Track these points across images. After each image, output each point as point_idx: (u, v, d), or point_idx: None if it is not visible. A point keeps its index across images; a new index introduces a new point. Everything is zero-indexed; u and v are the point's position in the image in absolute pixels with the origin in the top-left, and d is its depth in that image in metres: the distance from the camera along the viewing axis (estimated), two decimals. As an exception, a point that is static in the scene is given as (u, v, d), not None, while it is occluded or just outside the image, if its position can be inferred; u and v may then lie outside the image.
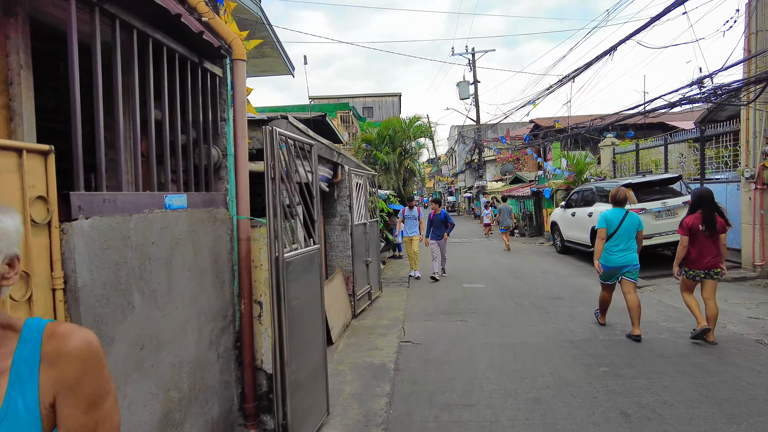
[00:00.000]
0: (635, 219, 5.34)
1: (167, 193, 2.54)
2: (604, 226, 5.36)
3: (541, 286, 8.44)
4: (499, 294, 7.95)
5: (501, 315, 6.58)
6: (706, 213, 4.91)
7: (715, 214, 4.91)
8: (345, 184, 6.50)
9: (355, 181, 7.05)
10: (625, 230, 5.28)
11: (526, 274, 9.76)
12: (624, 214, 5.33)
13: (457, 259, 12.50)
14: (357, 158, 18.33)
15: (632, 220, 5.32)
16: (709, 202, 4.93)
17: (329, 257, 6.60)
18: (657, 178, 9.44)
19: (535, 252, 13.49)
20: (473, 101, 26.70)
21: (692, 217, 4.99)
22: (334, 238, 6.57)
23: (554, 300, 7.35)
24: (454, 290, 8.39)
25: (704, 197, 4.98)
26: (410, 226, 9.78)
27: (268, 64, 10.34)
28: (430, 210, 9.53)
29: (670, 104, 8.07)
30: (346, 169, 6.50)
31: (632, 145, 13.89)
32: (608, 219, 5.36)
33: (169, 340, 2.46)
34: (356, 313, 6.67)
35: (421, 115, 17.34)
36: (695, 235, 4.95)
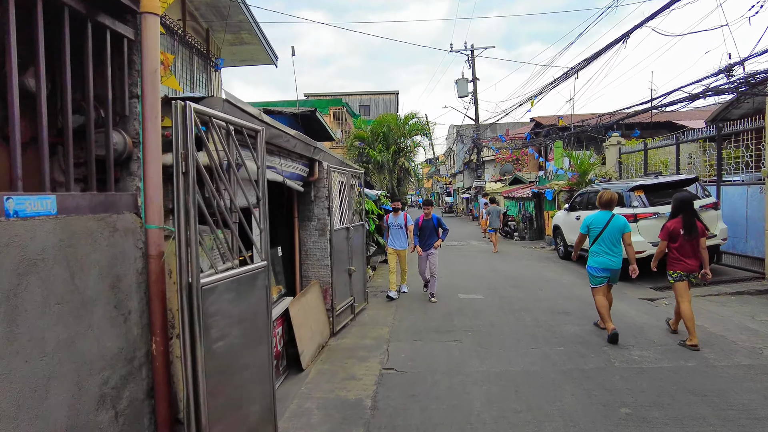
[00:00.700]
0: (620, 222, 5.30)
1: (9, 194, 1.72)
2: (585, 231, 5.51)
3: (544, 298, 7.64)
4: (498, 307, 7.15)
5: (500, 334, 5.78)
6: (686, 218, 5.04)
7: (694, 219, 5.04)
8: (323, 183, 5.69)
9: (337, 180, 6.24)
10: (610, 233, 5.30)
11: (527, 283, 8.95)
12: (609, 217, 5.32)
13: (454, 263, 11.70)
14: (349, 156, 17.54)
15: (618, 223, 5.29)
16: (689, 208, 5.09)
17: (304, 267, 5.78)
18: (671, 179, 8.65)
19: (535, 257, 12.69)
20: (472, 99, 25.91)
21: (674, 221, 5.12)
22: (311, 245, 5.75)
23: (560, 315, 6.55)
24: (448, 302, 7.58)
25: (685, 203, 5.13)
26: (396, 236, 7.98)
27: (248, 53, 9.52)
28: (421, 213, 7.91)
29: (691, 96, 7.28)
30: (325, 165, 5.68)
31: (640, 144, 13.10)
32: (591, 223, 5.45)
33: (7, 412, 1.64)
34: (335, 330, 5.86)
35: (417, 112, 16.55)
36: (676, 238, 5.09)
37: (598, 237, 5.34)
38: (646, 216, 8.33)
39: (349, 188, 6.82)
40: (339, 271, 6.09)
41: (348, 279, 6.48)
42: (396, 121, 16.05)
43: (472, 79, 26.01)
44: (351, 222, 6.66)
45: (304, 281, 5.79)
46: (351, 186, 7.18)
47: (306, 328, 4.98)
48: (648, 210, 8.36)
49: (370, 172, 16.11)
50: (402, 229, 7.90)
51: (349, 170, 6.75)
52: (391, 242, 8.06)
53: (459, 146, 37.59)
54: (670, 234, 5.10)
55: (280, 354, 4.60)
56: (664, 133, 15.27)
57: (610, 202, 5.39)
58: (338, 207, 6.30)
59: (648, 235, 8.28)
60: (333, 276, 5.81)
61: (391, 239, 8.04)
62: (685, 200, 5.15)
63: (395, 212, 8.08)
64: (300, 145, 4.69)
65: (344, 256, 6.34)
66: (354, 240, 6.77)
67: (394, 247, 8.04)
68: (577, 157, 13.97)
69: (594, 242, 5.39)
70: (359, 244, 7.11)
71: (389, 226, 8.07)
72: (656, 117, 15.41)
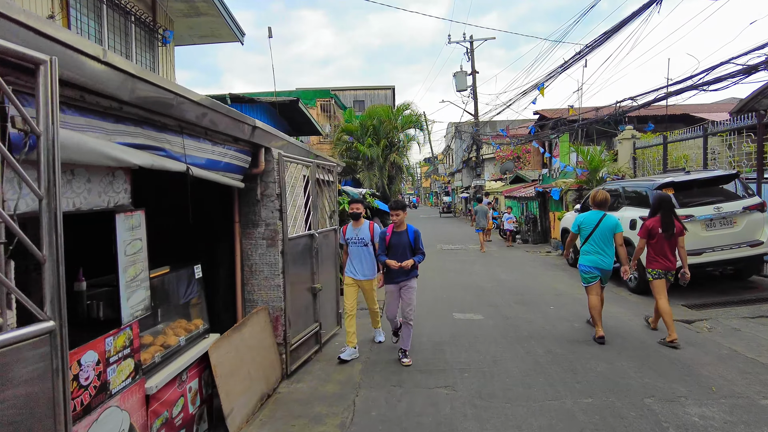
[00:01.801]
0: (612, 222, 5.28)
1: None
2: (576, 231, 5.46)
3: (557, 319, 6.27)
4: (501, 332, 5.77)
5: (505, 375, 4.40)
6: (664, 217, 5.13)
7: (673, 218, 5.14)
8: (273, 176, 4.31)
9: (298, 174, 4.87)
10: (601, 233, 5.26)
11: (535, 298, 7.58)
12: (601, 216, 5.30)
13: (449, 272, 10.32)
14: (336, 151, 16.17)
15: (609, 223, 5.26)
16: (668, 207, 5.16)
17: (248, 288, 4.40)
18: (707, 175, 7.28)
19: (541, 264, 11.32)
20: (471, 93, 24.53)
21: (653, 220, 5.21)
22: (256, 259, 4.37)
23: (580, 346, 5.18)
24: (440, 325, 6.20)
25: (664, 201, 5.21)
26: (357, 258, 5.14)
27: (207, 27, 8.10)
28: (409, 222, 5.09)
29: (746, 69, 5.86)
30: (275, 153, 4.31)
31: (657, 137, 11.75)
32: (582, 223, 5.41)
33: None
34: (290, 370, 4.48)
35: (410, 102, 15.11)
36: (654, 237, 5.17)
37: (588, 237, 5.32)
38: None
39: (318, 185, 5.45)
40: (298, 291, 4.71)
41: (312, 300, 5.10)
42: (388, 113, 14.66)
43: (471, 72, 24.63)
44: (317, 227, 5.28)
45: (248, 307, 4.41)
46: (324, 182, 5.81)
47: (238, 378, 3.60)
48: (680, 212, 6.97)
49: (358, 168, 14.72)
50: (367, 248, 5.11)
51: (316, 161, 5.36)
52: (350, 268, 5.14)
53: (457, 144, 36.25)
54: (649, 232, 5.19)
55: (192, 417, 3.23)
56: (680, 126, 13.91)
57: (604, 202, 5.39)
58: (300, 208, 4.93)
59: (680, 242, 6.91)
60: (287, 299, 4.43)
61: (350, 263, 5.15)
62: (663, 199, 5.27)
63: (356, 221, 5.19)
64: (223, 122, 3.31)
65: (306, 271, 4.97)
66: (322, 250, 5.39)
67: (354, 275, 5.09)
68: (587, 153, 12.61)
69: (585, 242, 5.37)
70: (330, 255, 5.73)
71: (347, 242, 5.20)
72: (671, 110, 14.07)
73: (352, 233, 5.19)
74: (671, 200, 5.39)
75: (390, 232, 4.83)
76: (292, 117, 14.67)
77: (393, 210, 4.79)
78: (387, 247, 4.82)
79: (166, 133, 2.75)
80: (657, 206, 5.26)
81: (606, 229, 5.24)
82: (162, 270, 3.19)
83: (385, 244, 4.83)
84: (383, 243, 4.84)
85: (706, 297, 7.00)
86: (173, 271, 3.36)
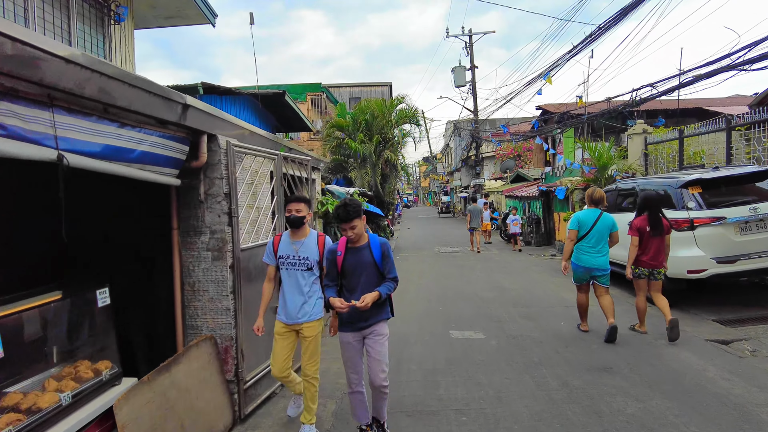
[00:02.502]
0: (609, 220, 5.32)
1: None
2: (576, 227, 5.38)
3: (570, 338, 5.38)
4: (506, 356, 4.88)
5: (512, 419, 3.51)
6: (652, 215, 5.21)
7: (660, 216, 5.22)
8: (220, 171, 3.42)
9: (257, 169, 3.99)
10: (598, 231, 5.27)
11: (543, 311, 6.70)
12: (598, 214, 5.31)
13: (446, 278, 9.43)
14: (326, 148, 15.24)
15: (606, 222, 5.29)
16: (655, 205, 5.26)
17: (190, 311, 3.51)
18: (739, 172, 6.39)
19: (546, 269, 10.43)
20: (470, 89, 23.66)
21: (640, 219, 5.27)
22: (199, 275, 3.48)
23: (602, 376, 4.29)
24: (434, 346, 5.31)
25: (651, 200, 5.33)
26: (296, 288, 3.30)
27: (173, 6, 7.17)
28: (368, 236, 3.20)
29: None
30: (222, 142, 3.42)
31: (671, 132, 10.88)
32: (581, 220, 5.38)
33: None
34: (245, 413, 3.59)
35: (405, 96, 14.20)
36: (642, 235, 5.23)
37: (585, 235, 5.31)
38: (706, 222, 6.07)
39: (291, 182, 4.55)
40: (256, 315, 3.82)
41: (277, 322, 4.20)
42: (381, 107, 13.73)
43: (470, 67, 23.77)
44: (285, 233, 4.37)
45: (190, 336, 3.52)
46: (298, 179, 4.93)
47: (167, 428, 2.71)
48: (709, 214, 6.10)
49: (350, 166, 13.80)
50: (311, 272, 3.32)
51: (283, 154, 4.46)
52: (282, 305, 3.36)
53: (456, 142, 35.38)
54: (638, 230, 5.25)
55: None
56: (692, 121, 13.02)
57: (600, 200, 5.40)
58: (266, 211, 4.05)
59: (710, 248, 6.05)
60: (240, 325, 3.54)
61: (282, 298, 3.36)
62: (650, 198, 5.39)
63: (295, 229, 3.33)
64: (128, 95, 2.41)
65: (269, 287, 4.06)
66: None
67: (287, 318, 3.32)
68: (595, 149, 11.72)
69: (581, 240, 5.34)
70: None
71: (281, 262, 3.32)
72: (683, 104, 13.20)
73: (288, 248, 3.27)
74: (658, 198, 5.52)
75: (342, 250, 3.07)
76: (280, 112, 13.76)
77: (344, 221, 2.96)
78: (339, 273, 3.09)
79: (16, 103, 1.85)
80: (644, 205, 5.34)
81: (604, 228, 5.26)
82: (42, 299, 2.30)
83: (336, 269, 3.07)
84: (333, 267, 3.09)
85: (742, 311, 6.11)
86: (66, 298, 2.47)
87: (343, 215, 2.95)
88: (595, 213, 5.34)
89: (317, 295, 3.36)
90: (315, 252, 3.32)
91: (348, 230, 2.99)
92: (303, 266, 3.29)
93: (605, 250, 5.31)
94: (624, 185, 8.13)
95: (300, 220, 3.28)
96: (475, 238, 14.34)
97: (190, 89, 7.91)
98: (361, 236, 3.08)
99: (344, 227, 2.99)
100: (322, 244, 3.36)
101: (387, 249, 3.12)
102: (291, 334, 3.36)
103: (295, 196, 3.28)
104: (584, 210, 5.52)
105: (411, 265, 11.69)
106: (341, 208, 2.97)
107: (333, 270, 3.12)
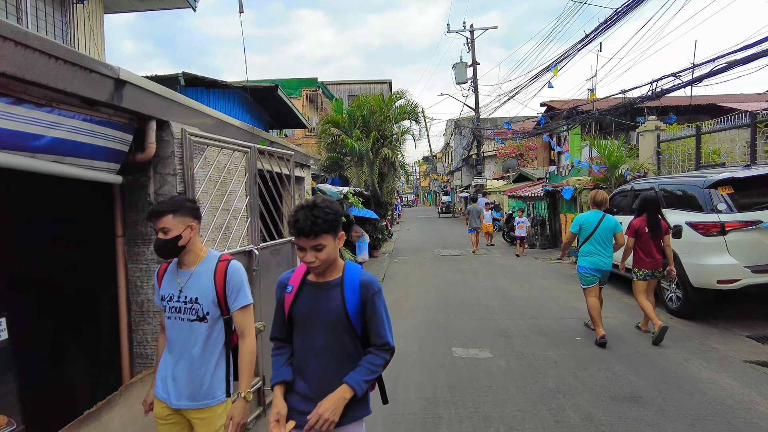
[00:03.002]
0: (612, 222, 5.26)
1: None
2: (576, 231, 5.38)
3: (588, 357, 4.75)
4: (517, 380, 4.25)
5: (532, 470, 2.89)
6: (651, 216, 5.27)
7: (659, 217, 5.28)
8: (173, 166, 2.79)
9: (226, 164, 3.36)
10: (602, 234, 5.23)
11: (555, 323, 6.07)
12: (601, 216, 5.28)
13: (447, 285, 8.80)
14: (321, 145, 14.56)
15: (608, 224, 5.25)
16: (653, 207, 5.31)
17: (138, 336, 2.88)
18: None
19: (554, 275, 9.80)
20: (471, 86, 23.04)
21: (639, 220, 5.34)
22: (149, 292, 2.85)
23: (631, 407, 3.66)
24: (435, 368, 4.68)
25: (650, 201, 5.35)
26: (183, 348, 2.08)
27: (150, -13, 6.58)
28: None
29: None
30: (175, 130, 2.78)
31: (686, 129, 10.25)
32: (583, 222, 5.36)
33: None
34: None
35: (404, 91, 13.57)
36: (641, 236, 5.28)
37: (589, 237, 5.29)
38: (739, 226, 5.44)
39: (274, 180, 3.92)
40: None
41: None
42: (379, 103, 13.08)
43: (471, 63, 23.15)
44: (258, 241, 3.74)
45: (139, 366, 2.89)
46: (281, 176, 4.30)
47: None
48: (743, 217, 5.48)
49: (346, 165, 13.16)
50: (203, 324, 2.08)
51: (258, 147, 3.81)
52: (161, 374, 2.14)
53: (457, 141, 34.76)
54: (636, 232, 5.28)
55: None
56: (705, 118, 12.37)
57: (602, 202, 5.39)
58: (241, 213, 3.41)
59: (743, 255, 5.42)
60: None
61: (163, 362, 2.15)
62: (649, 199, 5.38)
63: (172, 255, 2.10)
64: (21, 61, 1.78)
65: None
66: (269, 271, 3.85)
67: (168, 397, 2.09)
68: (604, 147, 11.09)
69: (584, 242, 5.32)
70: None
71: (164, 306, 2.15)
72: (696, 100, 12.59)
73: (171, 285, 2.13)
74: (657, 199, 5.55)
75: (296, 284, 1.86)
76: (273, 108, 13.12)
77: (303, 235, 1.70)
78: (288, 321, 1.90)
79: None
80: (643, 206, 5.37)
81: (607, 229, 5.25)
82: None
83: (284, 316, 1.89)
84: (279, 313, 1.91)
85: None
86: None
87: (302, 224, 1.67)
88: (598, 215, 5.32)
89: (218, 364, 2.09)
90: (208, 290, 2.05)
91: (308, 251, 1.71)
92: (190, 314, 2.05)
93: (609, 252, 5.28)
94: (640, 185, 7.50)
95: (169, 246, 2.01)
96: (476, 238, 13.96)
97: (169, 80, 7.27)
98: (330, 265, 1.79)
99: (301, 245, 1.72)
100: (221, 275, 2.06)
101: (373, 295, 1.80)
102: (179, 423, 2.12)
103: (155, 207, 2.03)
104: (587, 212, 5.50)
105: (410, 269, 11.06)
106: (301, 212, 1.70)
107: (279, 318, 1.90)
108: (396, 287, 8.75)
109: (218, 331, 2.12)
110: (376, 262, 12.26)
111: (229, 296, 2.08)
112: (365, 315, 1.80)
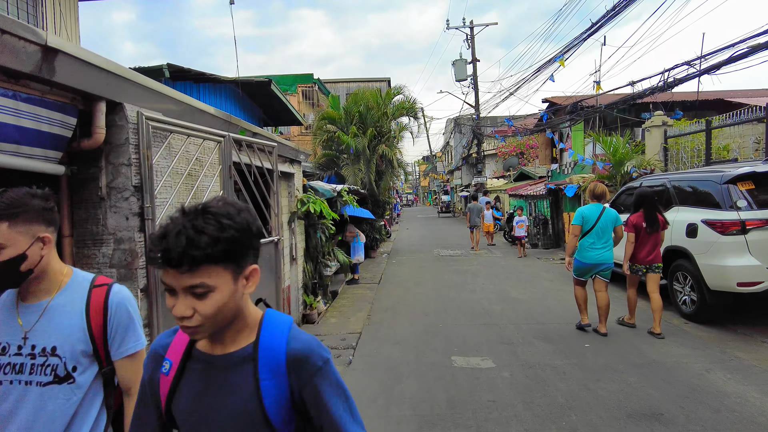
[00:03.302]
0: (612, 215, 5.31)
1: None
2: (580, 222, 5.34)
3: (600, 368, 4.36)
4: (523, 395, 3.86)
5: (544, 506, 2.50)
6: (648, 212, 5.22)
7: (656, 212, 5.23)
8: (128, 156, 2.40)
9: (198, 155, 2.97)
10: (602, 226, 5.25)
11: (561, 329, 5.69)
12: (601, 210, 5.30)
13: (447, 287, 8.42)
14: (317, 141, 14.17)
15: (609, 216, 5.29)
16: (650, 202, 5.29)
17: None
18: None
19: (558, 276, 9.41)
20: (471, 83, 22.66)
21: (636, 215, 5.30)
22: (100, 303, 2.47)
23: (650, 423, 3.28)
24: (433, 380, 4.28)
25: (646, 197, 5.34)
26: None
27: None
28: None
29: None
30: (130, 113, 2.40)
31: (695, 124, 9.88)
32: (585, 215, 5.35)
33: None
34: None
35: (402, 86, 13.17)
36: (638, 232, 5.27)
37: (590, 230, 5.27)
38: (761, 224, 5.06)
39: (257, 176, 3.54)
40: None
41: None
42: (376, 98, 12.71)
43: (471, 60, 22.77)
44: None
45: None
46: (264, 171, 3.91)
47: None
48: (764, 215, 5.10)
49: (342, 162, 12.78)
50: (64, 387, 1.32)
51: (235, 137, 3.42)
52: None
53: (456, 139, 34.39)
54: (635, 227, 5.26)
55: None
56: (712, 114, 12.03)
57: (602, 194, 5.41)
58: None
59: (766, 256, 5.03)
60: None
61: None
62: (645, 195, 5.38)
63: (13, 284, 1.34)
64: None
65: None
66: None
67: None
68: (610, 143, 10.71)
69: (585, 235, 5.31)
70: (264, 284, 3.82)
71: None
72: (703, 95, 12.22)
73: (7, 329, 1.33)
74: (653, 195, 5.53)
75: (177, 358, 1.04)
76: (267, 104, 12.73)
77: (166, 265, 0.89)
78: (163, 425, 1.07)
79: None
80: (639, 202, 5.36)
81: (608, 222, 5.27)
82: None
83: (155, 415, 1.08)
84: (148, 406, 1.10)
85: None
86: None
87: (171, 243, 0.88)
88: (598, 208, 5.36)
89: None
90: (75, 332, 1.34)
91: (180, 295, 0.92)
92: (43, 374, 1.31)
93: (610, 244, 5.31)
94: (650, 182, 7.11)
95: (5, 272, 1.26)
96: (475, 236, 13.77)
97: (153, 71, 6.87)
98: (225, 324, 0.98)
99: (169, 283, 0.92)
100: (99, 309, 1.37)
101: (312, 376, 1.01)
102: None
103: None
104: (587, 205, 5.51)
105: (408, 271, 10.68)
106: (172, 223, 0.92)
107: (146, 417, 1.11)
108: (393, 290, 8.37)
109: (92, 396, 1.37)
110: (374, 263, 11.88)
111: (110, 339, 1.37)
112: (303, 411, 1.02)
